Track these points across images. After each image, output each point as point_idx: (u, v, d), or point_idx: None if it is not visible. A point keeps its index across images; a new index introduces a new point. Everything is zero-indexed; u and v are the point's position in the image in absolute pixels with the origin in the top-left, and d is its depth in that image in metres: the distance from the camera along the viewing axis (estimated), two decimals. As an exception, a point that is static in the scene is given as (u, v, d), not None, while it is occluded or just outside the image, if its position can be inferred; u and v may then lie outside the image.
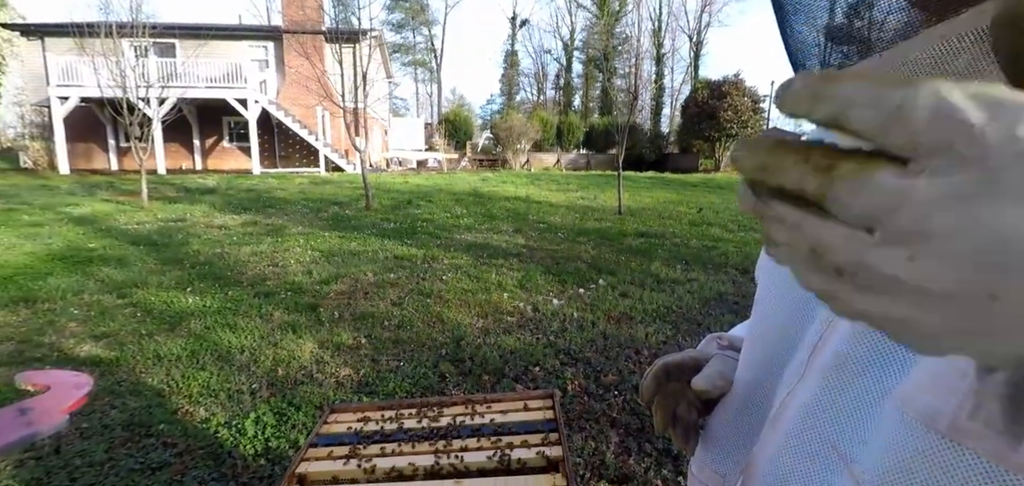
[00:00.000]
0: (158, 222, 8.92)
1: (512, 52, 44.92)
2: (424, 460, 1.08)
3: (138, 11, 12.72)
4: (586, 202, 11.21)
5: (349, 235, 7.81)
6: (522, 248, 6.98)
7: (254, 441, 2.63)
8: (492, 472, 1.05)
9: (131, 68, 11.63)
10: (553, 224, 8.84)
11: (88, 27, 12.04)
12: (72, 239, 7.44)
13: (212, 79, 17.69)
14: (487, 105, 50.59)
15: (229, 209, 10.29)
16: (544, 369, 3.41)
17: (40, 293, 4.97)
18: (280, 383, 3.25)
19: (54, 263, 6.06)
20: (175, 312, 4.48)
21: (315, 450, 1.15)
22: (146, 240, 7.46)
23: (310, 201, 11.40)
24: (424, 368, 3.44)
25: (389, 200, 11.44)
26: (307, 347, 3.75)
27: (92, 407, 2.97)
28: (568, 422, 2.73)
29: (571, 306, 4.64)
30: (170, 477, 2.37)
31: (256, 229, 8.32)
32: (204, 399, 3.05)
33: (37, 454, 2.54)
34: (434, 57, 45.42)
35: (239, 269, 5.93)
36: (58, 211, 9.76)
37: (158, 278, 5.54)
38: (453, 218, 9.38)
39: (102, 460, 2.49)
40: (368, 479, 1.04)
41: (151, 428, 2.75)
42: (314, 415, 2.86)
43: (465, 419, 1.26)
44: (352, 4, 12.89)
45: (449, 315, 4.38)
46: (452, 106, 42.22)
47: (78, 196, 11.82)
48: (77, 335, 4.02)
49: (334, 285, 5.27)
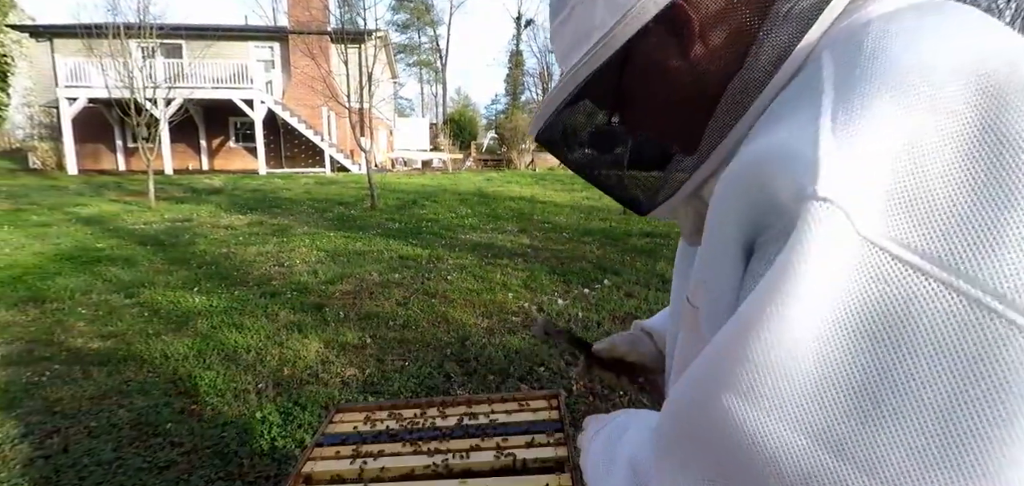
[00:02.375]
0: (165, 222, 8.97)
1: (517, 52, 44.92)
2: (429, 460, 1.08)
3: (145, 12, 12.80)
4: (591, 202, 11.19)
5: (354, 235, 7.83)
6: (527, 248, 6.98)
7: (260, 440, 2.64)
8: (497, 472, 1.05)
9: (138, 69, 11.71)
10: (558, 224, 8.83)
11: (96, 28, 12.13)
12: (80, 239, 7.49)
13: (218, 80, 17.79)
14: (492, 105, 50.70)
15: (235, 209, 10.34)
16: (549, 369, 3.40)
17: (49, 293, 5.01)
18: (286, 383, 3.26)
19: (62, 263, 6.11)
20: (182, 312, 4.51)
21: (321, 450, 1.15)
22: (153, 240, 7.50)
23: (315, 201, 11.44)
24: (429, 368, 3.44)
25: (394, 200, 11.46)
26: (313, 347, 3.76)
27: (100, 406, 3.00)
28: (573, 423, 2.73)
29: (576, 306, 4.64)
30: (177, 476, 2.39)
31: (262, 229, 8.36)
32: (211, 398, 3.06)
33: (46, 453, 2.57)
34: (439, 57, 45.47)
35: (245, 269, 5.96)
36: (66, 211, 9.84)
37: (165, 278, 5.57)
38: (458, 218, 9.39)
39: (110, 459, 2.51)
40: (374, 479, 1.05)
41: (158, 427, 2.77)
42: (320, 415, 2.87)
43: (470, 419, 1.26)
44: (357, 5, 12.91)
45: (454, 315, 4.38)
46: (457, 106, 42.30)
47: (86, 196, 11.91)
48: (85, 334, 4.05)
49: (339, 285, 5.28)
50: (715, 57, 0.46)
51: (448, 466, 1.06)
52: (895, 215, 0.30)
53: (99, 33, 11.92)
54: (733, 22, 0.46)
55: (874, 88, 0.33)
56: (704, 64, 0.47)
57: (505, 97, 46.93)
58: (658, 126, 0.53)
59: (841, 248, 0.30)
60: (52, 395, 3.12)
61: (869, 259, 0.30)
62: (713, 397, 0.35)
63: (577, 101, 0.53)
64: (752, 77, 0.44)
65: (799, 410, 0.31)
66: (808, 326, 0.31)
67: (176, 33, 17.32)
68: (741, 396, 0.33)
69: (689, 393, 0.39)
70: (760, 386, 0.32)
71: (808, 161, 0.32)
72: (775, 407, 0.32)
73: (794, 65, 0.42)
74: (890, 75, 0.33)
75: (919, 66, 0.33)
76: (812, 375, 0.31)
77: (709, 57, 0.46)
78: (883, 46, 0.35)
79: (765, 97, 0.43)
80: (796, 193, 0.32)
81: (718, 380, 0.35)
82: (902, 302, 0.29)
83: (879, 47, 0.35)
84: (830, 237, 0.30)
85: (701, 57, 0.47)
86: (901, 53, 0.34)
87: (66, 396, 3.11)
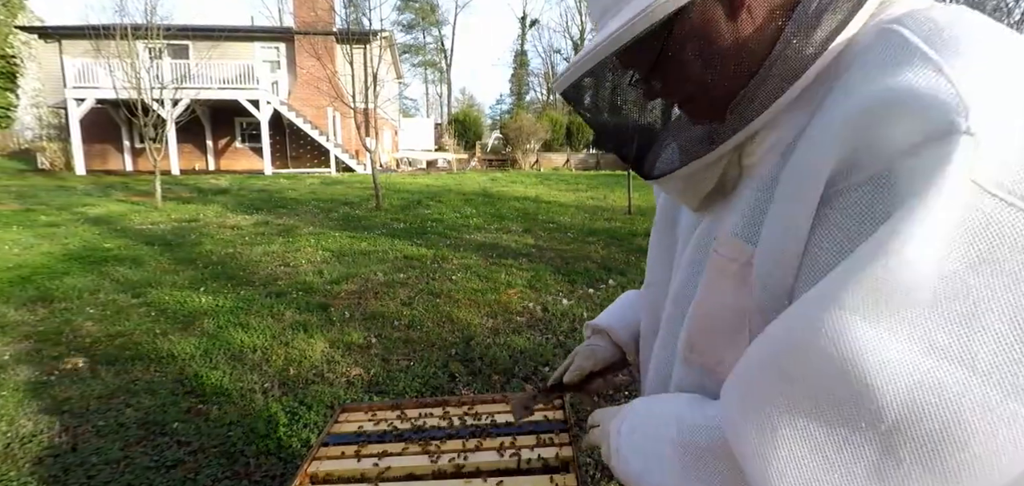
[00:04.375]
0: (172, 222, 9.03)
1: (522, 52, 44.94)
2: (434, 460, 1.09)
3: (152, 13, 12.87)
4: (596, 202, 11.18)
5: (359, 235, 7.85)
6: (532, 248, 6.98)
7: (266, 440, 2.65)
8: (503, 472, 1.05)
9: (145, 70, 11.77)
10: (563, 224, 8.82)
11: (104, 29, 12.20)
12: (88, 239, 7.55)
13: (225, 80, 17.87)
14: (496, 105, 50.64)
15: (241, 209, 10.39)
16: (554, 369, 3.40)
17: (57, 292, 5.05)
18: (291, 382, 3.27)
19: (71, 263, 6.16)
20: (188, 311, 4.54)
21: (326, 449, 1.16)
22: (160, 240, 7.55)
23: (321, 201, 11.48)
24: (434, 368, 3.45)
25: (399, 200, 11.48)
26: (318, 347, 3.78)
27: (108, 406, 3.02)
28: (578, 422, 2.72)
29: (581, 306, 4.63)
30: (184, 475, 2.40)
31: (268, 229, 8.40)
32: (217, 398, 3.08)
33: (55, 452, 2.59)
34: (444, 57, 45.55)
35: (251, 269, 5.99)
36: (74, 211, 9.91)
37: (172, 278, 5.61)
38: (463, 218, 9.40)
39: (118, 458, 2.53)
40: (379, 478, 1.05)
41: (165, 426, 2.79)
42: (325, 414, 2.88)
43: (475, 419, 1.26)
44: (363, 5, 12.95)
45: (459, 315, 4.39)
46: (462, 106, 42.31)
47: (94, 197, 12.00)
48: (93, 334, 4.08)
49: (345, 285, 5.30)
50: (760, 27, 0.49)
51: (453, 466, 1.07)
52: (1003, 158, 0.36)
53: (107, 34, 11.99)
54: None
55: (974, 50, 0.39)
56: (749, 33, 0.50)
57: (510, 97, 46.96)
58: (698, 89, 0.54)
59: (968, 180, 0.36)
60: (61, 394, 3.15)
61: (989, 196, 0.36)
62: (827, 322, 0.39)
63: (621, 57, 0.55)
64: (814, 42, 0.47)
65: (916, 324, 0.36)
66: (938, 250, 0.36)
67: (183, 34, 17.43)
68: (863, 317, 0.37)
69: (790, 326, 0.43)
70: (884, 305, 0.37)
71: (952, 98, 0.36)
72: (894, 322, 0.37)
73: (844, 41, 0.46)
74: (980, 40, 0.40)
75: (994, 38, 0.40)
76: (930, 293, 0.36)
77: (754, 26, 0.50)
78: (953, 20, 0.41)
79: (823, 61, 0.47)
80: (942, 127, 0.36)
81: (837, 304, 0.38)
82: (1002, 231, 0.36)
83: (951, 21, 0.41)
84: (965, 169, 0.36)
85: (746, 25, 0.50)
86: (976, 27, 0.41)
87: (74, 395, 3.13)
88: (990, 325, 0.35)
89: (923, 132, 0.37)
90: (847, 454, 0.39)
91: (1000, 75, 0.37)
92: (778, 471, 0.41)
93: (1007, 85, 0.37)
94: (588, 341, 0.96)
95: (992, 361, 0.35)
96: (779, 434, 0.42)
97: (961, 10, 0.43)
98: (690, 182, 0.59)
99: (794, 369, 0.41)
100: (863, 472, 0.38)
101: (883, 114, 0.39)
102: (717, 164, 0.56)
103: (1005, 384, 0.35)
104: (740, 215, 0.53)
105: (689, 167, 0.57)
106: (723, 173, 0.57)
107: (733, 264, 0.52)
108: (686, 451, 0.53)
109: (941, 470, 0.36)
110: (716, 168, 0.56)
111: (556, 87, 0.58)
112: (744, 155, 0.55)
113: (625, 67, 0.58)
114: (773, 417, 0.42)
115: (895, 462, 0.37)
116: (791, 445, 0.41)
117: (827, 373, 0.39)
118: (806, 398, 0.41)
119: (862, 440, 0.38)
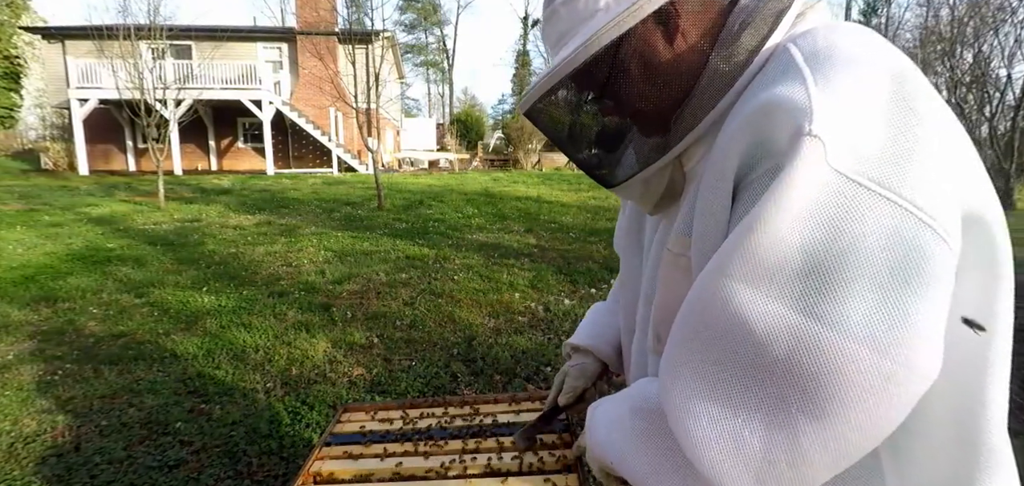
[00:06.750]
0: (174, 222, 9.05)
1: (523, 52, 44.90)
2: (437, 460, 1.09)
3: (155, 14, 12.89)
4: (598, 202, 11.17)
5: (361, 235, 7.86)
6: (533, 248, 6.98)
7: (268, 440, 2.65)
8: (505, 473, 1.05)
9: (148, 70, 11.79)
10: (564, 224, 8.82)
11: (107, 30, 12.23)
12: (91, 239, 7.57)
13: (227, 81, 17.90)
14: (499, 105, 50.54)
15: (244, 209, 10.41)
16: (556, 369, 3.40)
17: (60, 292, 5.07)
18: (294, 382, 3.28)
19: (74, 263, 6.18)
20: (191, 311, 4.55)
21: (329, 449, 1.16)
22: (163, 240, 7.57)
23: (323, 201, 11.49)
24: (436, 368, 3.45)
25: (401, 200, 11.49)
26: (320, 346, 3.78)
27: (111, 405, 3.03)
28: (580, 423, 2.72)
29: (583, 306, 4.63)
30: (187, 475, 2.41)
31: (270, 229, 8.41)
32: (219, 398, 3.09)
33: (58, 451, 2.60)
34: (446, 57, 45.55)
35: (253, 269, 6.00)
36: (78, 212, 9.94)
37: (175, 278, 5.62)
38: (464, 218, 9.40)
39: (121, 457, 2.54)
40: (381, 478, 1.05)
41: (168, 426, 2.80)
42: (327, 414, 2.88)
43: (477, 419, 1.26)
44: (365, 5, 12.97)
45: (461, 315, 4.39)
46: (463, 106, 42.30)
47: (97, 197, 12.03)
48: (96, 334, 4.10)
49: (347, 285, 5.30)
50: (693, 48, 0.57)
51: (455, 466, 1.07)
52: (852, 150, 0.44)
53: (110, 35, 12.02)
54: (707, 23, 0.57)
55: (837, 67, 0.47)
56: (684, 53, 0.58)
57: (512, 97, 46.91)
58: (643, 105, 0.61)
59: (821, 169, 0.43)
60: (64, 394, 3.16)
61: (837, 179, 0.43)
62: (720, 288, 0.46)
63: (575, 79, 0.61)
64: (736, 62, 0.55)
65: (785, 286, 0.44)
66: (795, 225, 0.43)
67: (185, 34, 17.47)
68: (742, 280, 0.45)
69: (696, 295, 0.50)
70: (757, 270, 0.44)
71: (805, 107, 0.45)
72: (767, 286, 0.44)
73: (764, 56, 0.54)
74: (843, 59, 0.47)
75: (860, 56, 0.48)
76: (795, 259, 0.43)
77: (688, 48, 0.57)
78: (832, 41, 0.49)
79: (746, 77, 0.54)
80: (795, 130, 0.45)
81: (724, 273, 0.46)
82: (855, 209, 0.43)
83: (830, 42, 0.49)
84: (817, 160, 0.43)
85: (682, 47, 0.57)
86: (848, 47, 0.48)
87: (78, 395, 3.14)
88: (843, 282, 0.42)
89: (787, 133, 0.45)
90: (749, 399, 0.45)
91: (854, 86, 0.45)
92: (694, 424, 0.48)
93: (858, 93, 0.45)
94: (576, 360, 1.04)
95: (851, 317, 0.42)
96: (693, 389, 0.48)
97: (848, 31, 0.51)
98: (645, 187, 0.66)
99: (701, 332, 0.48)
100: (761, 418, 0.45)
101: (764, 117, 0.47)
102: (664, 171, 0.64)
103: (859, 335, 0.41)
104: (683, 215, 0.61)
105: (640, 175, 0.64)
106: (671, 179, 0.65)
107: (682, 258, 0.59)
108: (639, 415, 0.60)
109: (820, 413, 0.43)
110: (663, 174, 0.64)
111: (519, 109, 0.65)
112: (685, 161, 0.63)
113: (580, 88, 0.65)
114: (687, 376, 0.49)
115: (784, 409, 0.44)
116: (703, 401, 0.48)
117: (725, 332, 0.46)
118: (712, 359, 0.48)
119: (759, 389, 0.45)
